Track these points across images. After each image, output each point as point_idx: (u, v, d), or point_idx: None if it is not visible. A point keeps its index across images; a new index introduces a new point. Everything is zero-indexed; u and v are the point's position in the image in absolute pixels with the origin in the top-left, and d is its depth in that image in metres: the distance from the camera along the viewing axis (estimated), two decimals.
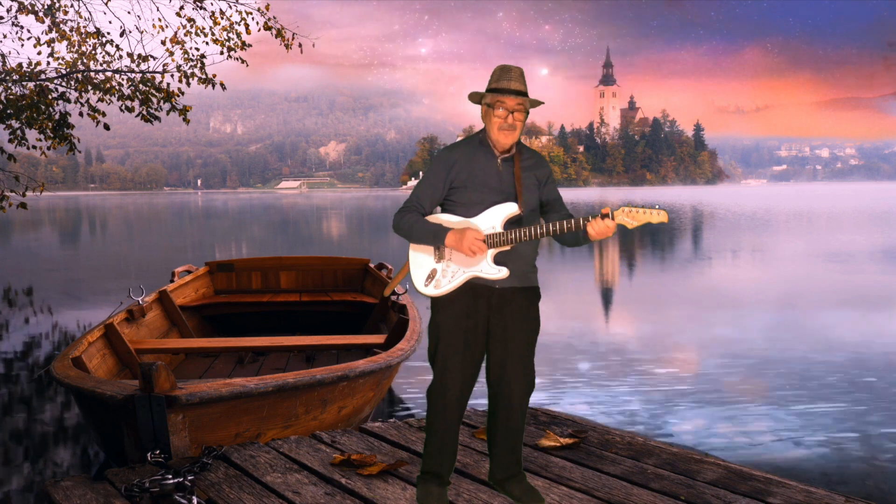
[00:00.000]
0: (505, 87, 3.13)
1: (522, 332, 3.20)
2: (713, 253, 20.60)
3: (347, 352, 6.72)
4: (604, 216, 3.07)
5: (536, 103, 3.18)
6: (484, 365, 3.26)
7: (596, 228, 3.08)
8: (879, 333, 9.20)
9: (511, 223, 3.16)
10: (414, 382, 6.84)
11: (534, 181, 3.24)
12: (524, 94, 3.15)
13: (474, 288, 3.16)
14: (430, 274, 3.19)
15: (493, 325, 3.19)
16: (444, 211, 3.24)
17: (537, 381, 3.29)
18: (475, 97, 3.23)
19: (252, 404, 4.16)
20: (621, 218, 3.07)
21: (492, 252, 3.14)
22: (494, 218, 3.15)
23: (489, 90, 3.17)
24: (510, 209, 3.15)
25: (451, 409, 3.20)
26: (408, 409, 6.20)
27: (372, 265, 9.36)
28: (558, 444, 4.01)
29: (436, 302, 3.20)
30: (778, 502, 3.27)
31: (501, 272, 3.13)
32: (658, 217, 3.05)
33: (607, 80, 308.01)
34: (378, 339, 6.32)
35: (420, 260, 3.23)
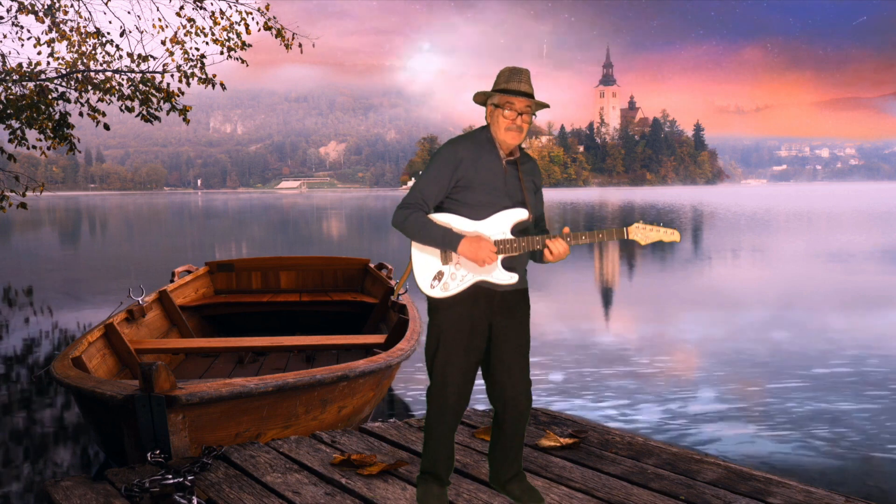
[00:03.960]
0: (515, 89, 3.10)
1: (523, 335, 3.20)
2: (713, 253, 20.59)
3: (347, 352, 6.72)
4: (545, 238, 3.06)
5: (543, 106, 3.17)
6: (483, 369, 3.24)
7: (556, 249, 3.09)
8: (879, 333, 9.20)
9: (519, 228, 3.16)
10: (414, 382, 6.83)
11: (532, 186, 3.24)
12: (533, 96, 3.13)
13: (477, 291, 3.14)
14: (437, 275, 3.14)
15: (497, 329, 3.17)
16: (445, 209, 3.17)
17: (538, 381, 3.28)
18: (481, 97, 3.19)
19: (252, 404, 4.16)
20: (634, 234, 3.08)
21: (501, 258, 3.13)
22: (504, 223, 3.12)
23: (498, 90, 3.13)
24: (520, 215, 3.13)
25: (450, 413, 3.18)
26: (408, 409, 6.20)
27: (372, 265, 9.36)
28: (558, 444, 4.01)
29: (437, 304, 3.15)
30: (778, 502, 3.27)
31: (513, 278, 3.12)
32: (670, 237, 3.06)
33: (607, 80, 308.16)
34: (378, 339, 6.32)
35: (425, 260, 3.17)
